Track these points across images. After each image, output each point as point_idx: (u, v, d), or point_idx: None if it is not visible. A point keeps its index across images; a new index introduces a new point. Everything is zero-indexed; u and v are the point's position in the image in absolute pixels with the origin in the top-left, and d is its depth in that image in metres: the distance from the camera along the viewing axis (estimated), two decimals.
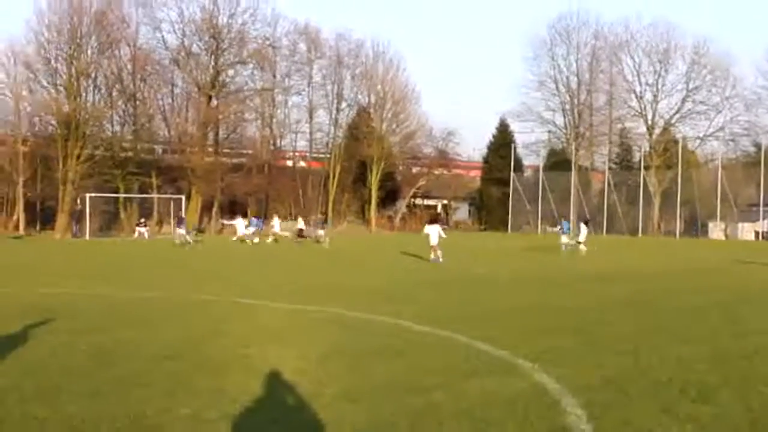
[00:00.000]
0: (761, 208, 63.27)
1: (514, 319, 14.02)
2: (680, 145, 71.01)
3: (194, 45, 70.44)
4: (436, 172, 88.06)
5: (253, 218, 53.75)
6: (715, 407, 7.69)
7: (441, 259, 30.16)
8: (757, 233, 64.96)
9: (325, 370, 9.37)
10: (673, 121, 78.85)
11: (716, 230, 67.00)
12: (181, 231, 45.62)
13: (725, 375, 9.12)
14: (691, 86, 77.80)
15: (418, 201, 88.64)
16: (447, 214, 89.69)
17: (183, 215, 52.30)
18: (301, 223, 50.07)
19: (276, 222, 51.62)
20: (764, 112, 74.59)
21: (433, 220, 35.81)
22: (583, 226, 40.39)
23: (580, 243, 37.71)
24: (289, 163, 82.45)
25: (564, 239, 40.36)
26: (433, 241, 31.22)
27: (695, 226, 68.35)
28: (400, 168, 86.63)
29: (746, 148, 75.43)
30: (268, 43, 74.42)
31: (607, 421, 7.16)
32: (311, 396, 8.03)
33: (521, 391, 8.27)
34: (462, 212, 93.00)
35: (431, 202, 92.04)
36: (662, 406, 7.70)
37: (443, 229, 33.08)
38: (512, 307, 15.92)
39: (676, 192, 67.53)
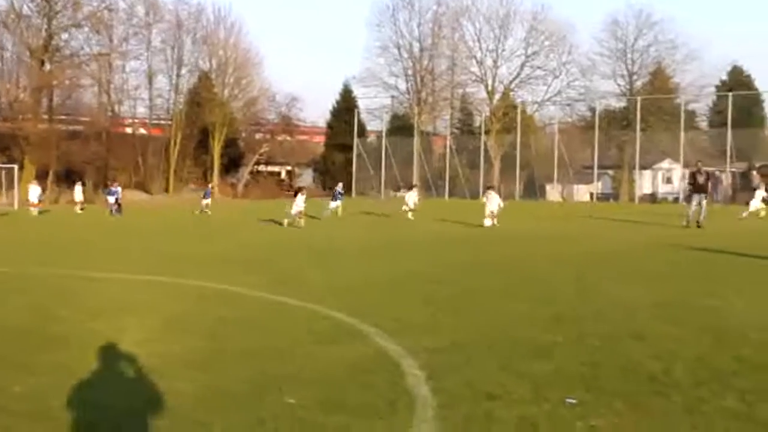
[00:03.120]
0: (595, 171, 65.54)
1: (362, 287, 14.01)
2: (519, 109, 72.67)
3: (25, 6, 67.16)
4: (280, 138, 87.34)
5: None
6: (553, 363, 7.79)
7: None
8: (591, 194, 67.36)
9: (172, 341, 9.15)
10: (512, 86, 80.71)
11: (554, 192, 69.07)
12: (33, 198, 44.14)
13: (564, 333, 9.25)
14: (529, 52, 79.77)
15: (262, 167, 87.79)
16: (291, 180, 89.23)
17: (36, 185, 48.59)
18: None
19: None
20: (599, 77, 77.30)
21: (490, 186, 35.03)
22: (411, 192, 40.18)
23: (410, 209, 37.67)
24: (129, 130, 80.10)
25: (332, 205, 40.06)
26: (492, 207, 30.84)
27: (534, 188, 70.21)
28: (243, 134, 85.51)
29: (582, 113, 78.05)
30: (104, 5, 71.68)
31: (446, 380, 7.23)
32: (157, 367, 7.81)
33: (364, 356, 8.31)
34: (306, 178, 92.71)
35: (275, 169, 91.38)
36: (501, 364, 7.81)
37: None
38: (362, 276, 15.85)
39: (515, 156, 69.12)
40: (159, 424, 6.11)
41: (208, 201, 46.27)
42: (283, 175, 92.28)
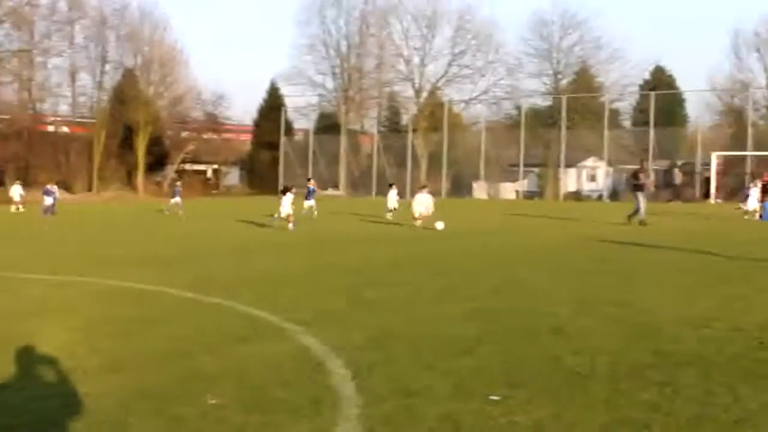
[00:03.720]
0: (521, 168, 66.25)
1: (285, 284, 13.92)
2: (446, 108, 73.05)
3: None
4: (206, 137, 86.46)
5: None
6: (475, 360, 7.83)
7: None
8: (517, 192, 68.04)
9: (89, 342, 8.97)
10: (439, 84, 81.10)
11: (480, 190, 69.60)
12: None
13: (486, 328, 9.32)
14: (456, 51, 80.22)
15: (188, 166, 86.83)
16: (217, 179, 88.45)
17: None
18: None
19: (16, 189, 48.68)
20: (524, 76, 78.13)
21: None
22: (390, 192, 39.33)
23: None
24: (51, 128, 78.47)
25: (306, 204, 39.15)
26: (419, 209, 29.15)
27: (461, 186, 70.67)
28: (169, 133, 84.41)
29: (508, 111, 78.81)
30: (26, 1, 70.06)
31: (370, 379, 7.22)
32: (73, 369, 7.65)
33: (287, 354, 8.24)
34: (233, 177, 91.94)
35: (201, 167, 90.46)
36: (425, 362, 7.80)
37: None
38: (284, 272, 15.81)
39: (442, 154, 69.50)
40: (77, 427, 5.98)
41: (179, 200, 42.95)
42: (210, 173, 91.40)
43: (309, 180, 40.47)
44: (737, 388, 6.80)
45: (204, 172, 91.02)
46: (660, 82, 72.98)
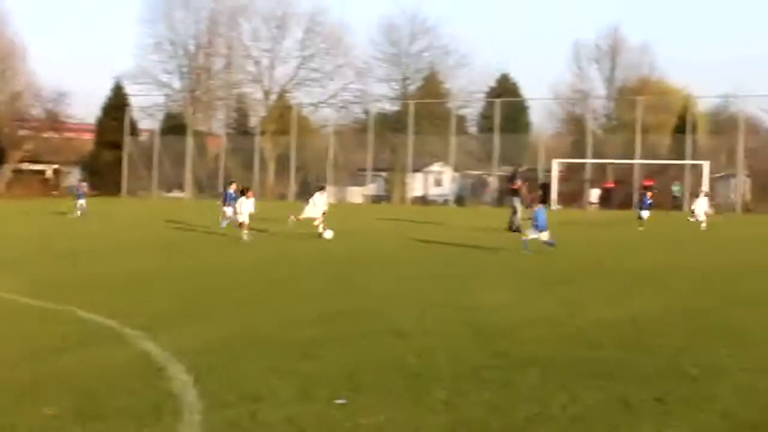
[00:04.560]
0: (369, 173, 66.74)
1: (124, 288, 13.64)
2: (295, 111, 72.85)
3: None
4: (46, 135, 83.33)
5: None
6: (320, 363, 7.84)
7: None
8: (365, 196, 68.49)
9: None
10: (288, 87, 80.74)
11: (327, 194, 69.50)
12: None
13: (330, 331, 9.36)
14: (306, 53, 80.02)
15: (26, 166, 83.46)
16: (58, 179, 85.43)
17: None
18: None
19: None
20: (374, 81, 78.60)
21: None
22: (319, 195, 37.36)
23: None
24: None
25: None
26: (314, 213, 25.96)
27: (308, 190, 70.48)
28: (6, 131, 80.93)
29: (357, 115, 79.11)
30: None
31: (212, 383, 7.12)
32: None
33: (127, 360, 8.09)
34: (74, 177, 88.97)
35: (40, 167, 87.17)
36: (269, 364, 7.77)
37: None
38: (123, 276, 15.44)
39: (290, 157, 69.29)
40: None
41: (83, 202, 38.60)
42: (49, 173, 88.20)
43: (230, 183, 33.66)
44: (574, 387, 7.04)
45: (43, 172, 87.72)
46: (505, 89, 74.77)
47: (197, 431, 5.91)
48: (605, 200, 55.43)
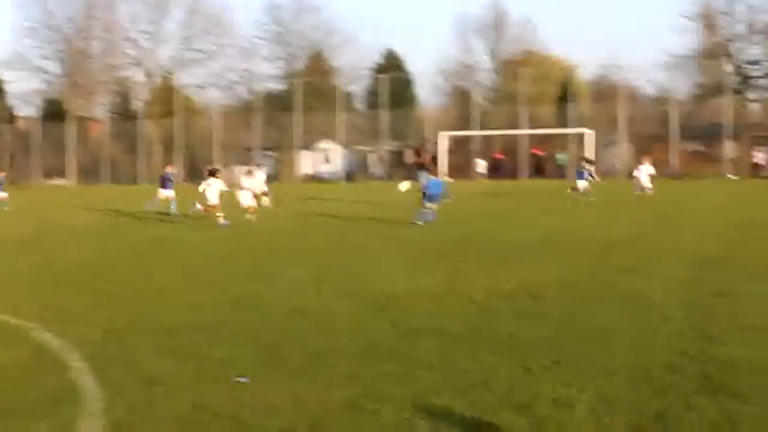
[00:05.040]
0: (257, 152, 66.23)
1: (16, 280, 13.16)
2: (178, 93, 71.67)
3: None
4: None
5: None
6: (219, 345, 7.82)
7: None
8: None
9: None
10: (171, 69, 79.29)
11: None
12: None
13: (234, 316, 9.33)
14: (188, 34, 78.63)
15: None
16: None
17: None
18: None
19: None
20: (259, 60, 77.81)
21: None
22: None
23: None
24: None
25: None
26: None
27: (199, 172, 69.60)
28: None
29: (243, 96, 78.25)
30: None
31: (112, 370, 7.05)
32: None
33: (21, 353, 7.90)
34: None
35: None
36: (169, 349, 7.70)
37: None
38: (17, 268, 14.91)
39: (177, 139, 68.21)
40: None
41: (4, 195, 35.69)
42: None
43: (168, 165, 32.45)
44: (473, 354, 7.19)
45: None
46: (391, 65, 74.99)
47: (99, 419, 5.83)
48: (494, 171, 56.28)
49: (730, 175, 47.87)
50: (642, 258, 13.59)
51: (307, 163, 69.39)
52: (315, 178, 66.59)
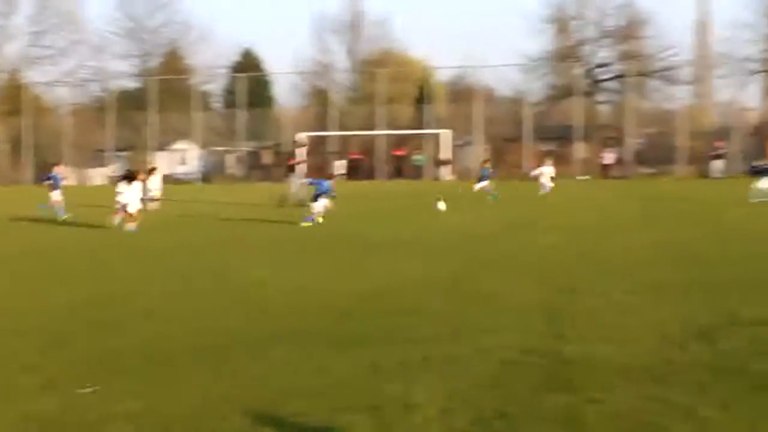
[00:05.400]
0: (111, 153, 64.53)
1: None
2: (27, 90, 69.17)
3: None
4: None
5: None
6: (66, 352, 7.57)
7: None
8: (110, 177, 66.14)
9: None
10: (19, 65, 76.44)
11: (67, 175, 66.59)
12: None
13: (80, 319, 8.93)
14: (37, 29, 75.98)
15: None
16: None
17: None
18: None
19: None
20: (112, 57, 75.80)
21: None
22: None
23: None
24: None
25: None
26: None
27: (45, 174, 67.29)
28: None
29: (96, 94, 76.10)
30: None
31: None
32: None
33: None
34: None
35: None
36: (12, 357, 7.41)
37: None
38: None
39: (25, 139, 65.82)
40: None
41: None
42: None
43: (55, 166, 29.86)
44: (325, 356, 7.13)
45: None
46: (249, 64, 74.34)
47: None
48: (352, 172, 56.39)
49: (580, 177, 49.31)
50: (499, 256, 13.78)
51: (162, 164, 68.07)
52: (170, 179, 65.41)
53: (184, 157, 68.43)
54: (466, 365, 6.78)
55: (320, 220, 20.30)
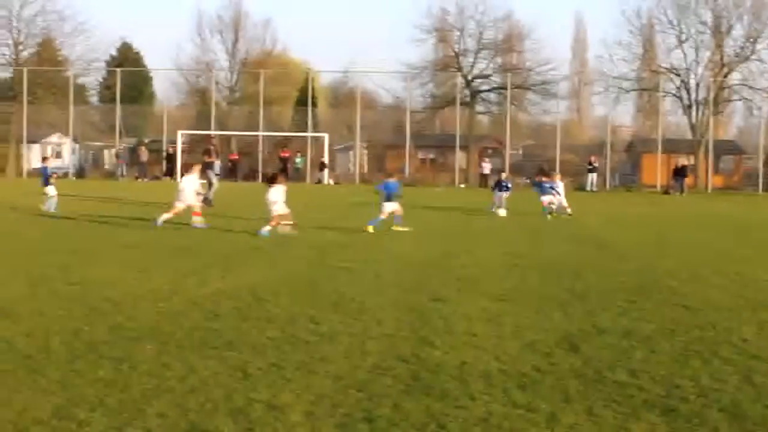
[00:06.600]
0: None
1: None
2: None
3: None
4: None
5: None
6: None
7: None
8: None
9: None
10: None
11: None
12: None
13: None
14: None
15: None
16: None
17: None
18: None
19: None
20: None
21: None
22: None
23: None
24: None
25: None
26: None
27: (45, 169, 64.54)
28: None
29: None
30: None
31: None
32: None
33: None
34: None
35: None
36: None
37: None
38: None
39: None
40: None
41: None
42: None
43: (44, 159, 29.09)
44: (191, 359, 7.01)
45: None
46: (127, 58, 72.96)
47: None
48: (231, 172, 55.86)
49: (438, 189, 49.66)
50: (361, 261, 13.91)
51: (35, 157, 66.07)
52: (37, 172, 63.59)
53: (58, 151, 66.67)
54: (335, 370, 6.80)
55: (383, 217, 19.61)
